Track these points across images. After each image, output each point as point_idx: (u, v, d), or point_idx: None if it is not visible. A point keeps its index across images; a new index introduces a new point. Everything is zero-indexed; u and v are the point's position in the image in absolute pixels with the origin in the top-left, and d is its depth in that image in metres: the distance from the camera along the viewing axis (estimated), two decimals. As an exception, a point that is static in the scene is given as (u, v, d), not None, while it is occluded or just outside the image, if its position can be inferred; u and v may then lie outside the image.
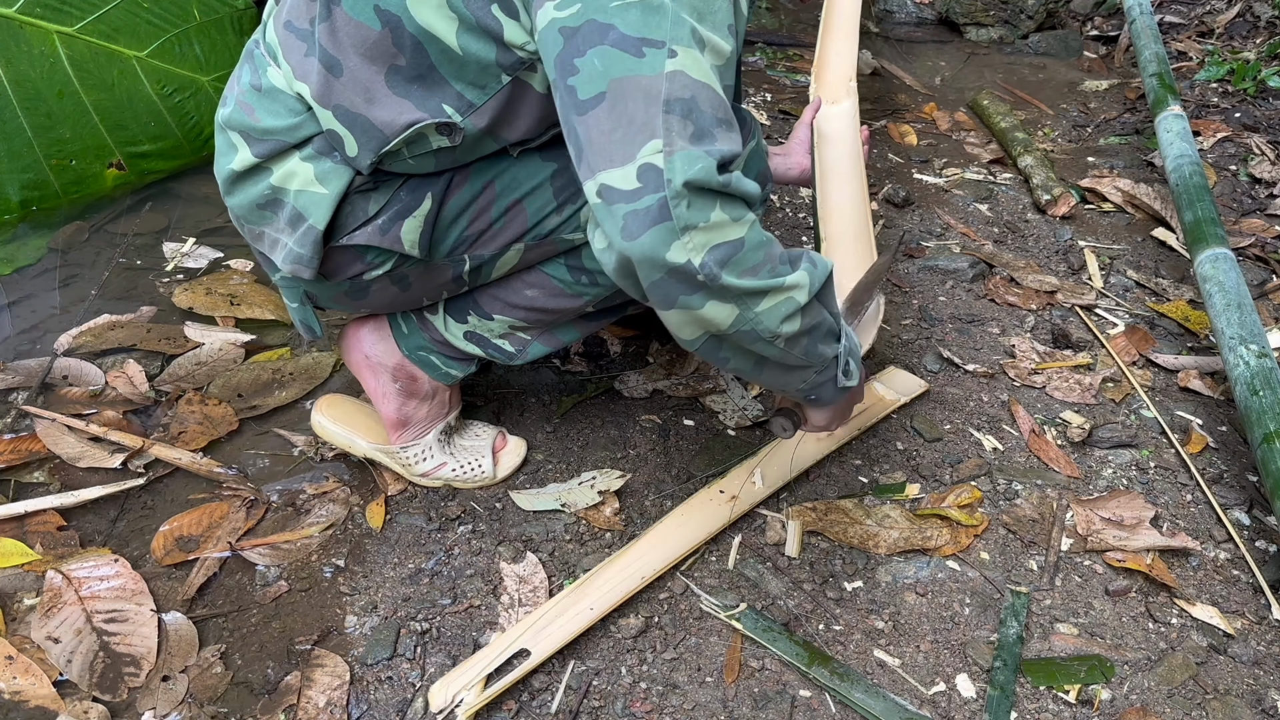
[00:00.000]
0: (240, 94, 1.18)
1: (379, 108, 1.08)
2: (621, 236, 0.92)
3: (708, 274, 0.93)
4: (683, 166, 0.90)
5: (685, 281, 0.93)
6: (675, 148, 0.91)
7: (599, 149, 0.93)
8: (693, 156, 0.91)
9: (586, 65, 0.93)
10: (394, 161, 1.13)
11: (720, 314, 0.97)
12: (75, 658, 1.21)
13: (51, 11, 2.01)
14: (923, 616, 1.33)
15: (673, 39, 0.93)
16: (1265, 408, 1.48)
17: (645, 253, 0.91)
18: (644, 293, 0.98)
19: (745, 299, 0.97)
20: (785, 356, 1.05)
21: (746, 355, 1.05)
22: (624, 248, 0.92)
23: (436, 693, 1.17)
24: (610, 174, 0.92)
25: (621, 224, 0.92)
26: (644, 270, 0.93)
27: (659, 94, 0.91)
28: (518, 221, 1.21)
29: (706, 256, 0.92)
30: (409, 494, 1.47)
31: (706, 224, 0.92)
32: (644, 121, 0.91)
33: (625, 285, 0.99)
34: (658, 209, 0.90)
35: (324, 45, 1.08)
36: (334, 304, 1.31)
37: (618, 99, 0.92)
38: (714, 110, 0.94)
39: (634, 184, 0.91)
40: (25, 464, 1.49)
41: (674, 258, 0.91)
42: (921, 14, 3.53)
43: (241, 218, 1.22)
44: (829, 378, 1.15)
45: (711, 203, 0.92)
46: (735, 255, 0.94)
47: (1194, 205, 1.99)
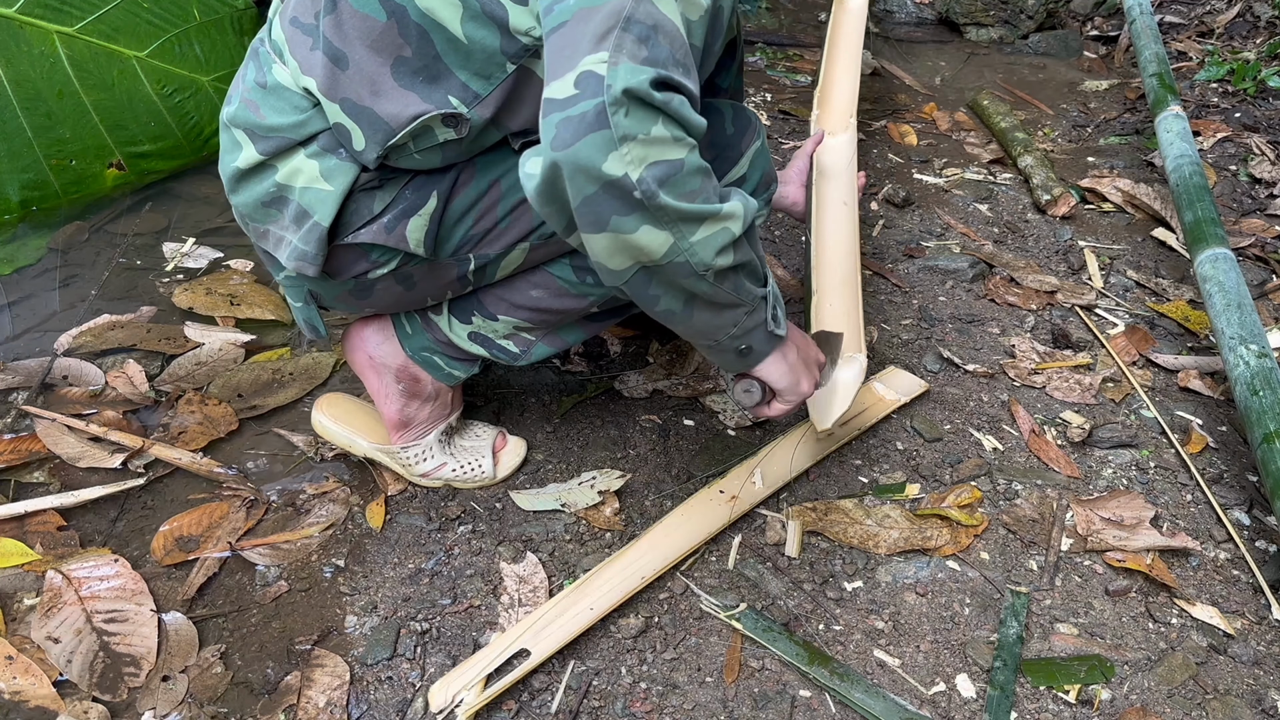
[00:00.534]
0: (245, 91, 1.18)
1: (385, 100, 1.08)
2: (553, 145, 0.86)
3: (645, 190, 0.87)
4: (626, 75, 0.86)
5: (620, 198, 0.88)
6: (620, 60, 0.86)
7: (550, 65, 0.90)
8: (636, 69, 0.86)
9: (561, 4, 0.92)
10: (400, 157, 1.13)
11: (654, 240, 0.92)
12: (75, 658, 1.21)
13: (51, 11, 2.01)
14: (923, 616, 1.33)
15: None
16: (1265, 408, 1.48)
17: (579, 160, 0.86)
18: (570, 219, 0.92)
19: (681, 225, 0.92)
20: (715, 293, 1.00)
21: (678, 292, 1.00)
22: (553, 157, 0.86)
23: (436, 693, 1.17)
24: (551, 86, 0.89)
25: (554, 132, 0.86)
26: (576, 183, 0.87)
27: (620, 11, 0.89)
28: (523, 220, 1.21)
29: (645, 172, 0.87)
30: (409, 494, 1.47)
31: (646, 137, 0.87)
32: (597, 34, 0.88)
33: (549, 212, 0.93)
34: (594, 115, 0.85)
35: (329, 38, 1.08)
36: (338, 304, 1.31)
37: (579, 21, 0.90)
38: (674, 49, 0.91)
39: (571, 91, 0.87)
40: (25, 464, 1.49)
41: (611, 169, 0.86)
42: (921, 14, 3.53)
43: (246, 216, 1.22)
44: (759, 321, 1.10)
45: (653, 116, 0.87)
46: (675, 175, 0.89)
47: (1194, 205, 1.99)
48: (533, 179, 0.91)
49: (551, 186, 0.90)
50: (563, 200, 0.91)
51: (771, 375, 1.19)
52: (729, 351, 1.13)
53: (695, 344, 1.13)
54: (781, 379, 1.20)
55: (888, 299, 1.98)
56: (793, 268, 2.06)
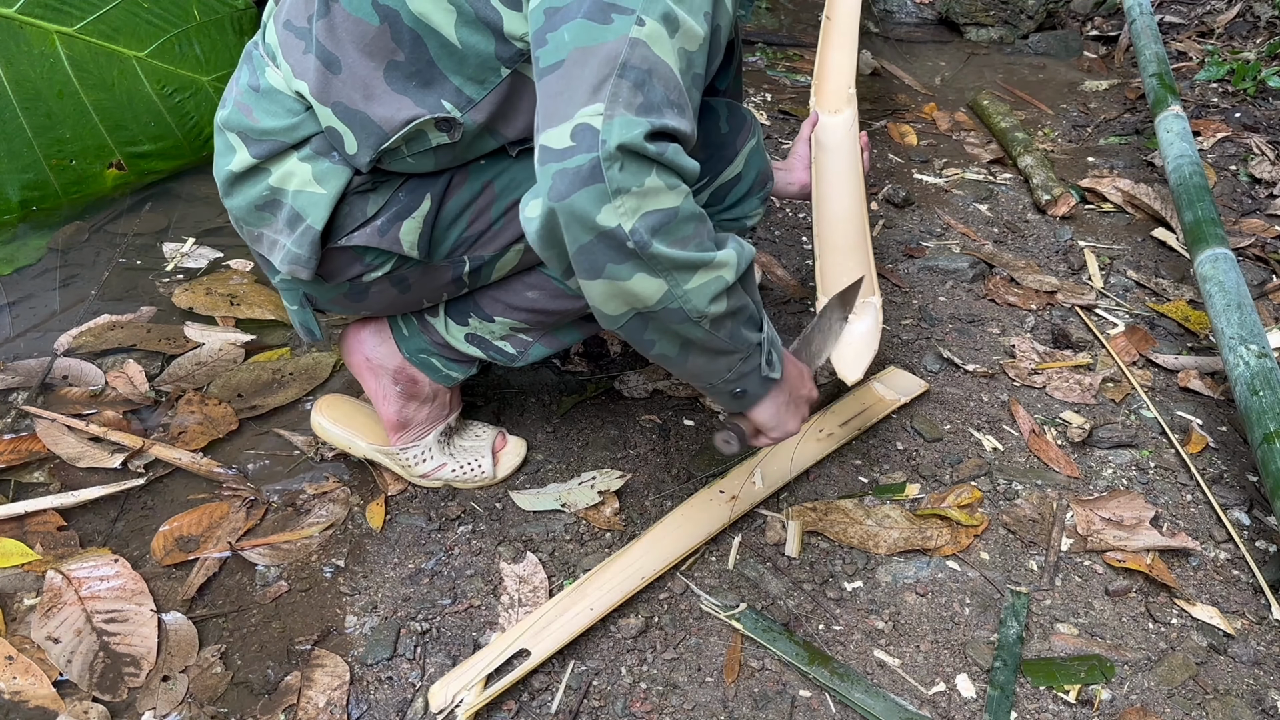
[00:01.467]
0: (238, 95, 1.18)
1: (378, 104, 1.08)
2: (549, 195, 0.89)
3: (638, 241, 0.90)
4: (620, 130, 0.88)
5: (614, 248, 0.90)
6: (616, 113, 0.89)
7: (544, 111, 0.92)
8: (631, 122, 0.89)
9: (555, 38, 0.93)
10: (393, 160, 1.13)
11: (648, 288, 0.94)
12: (75, 658, 1.21)
13: (51, 11, 2.01)
14: (923, 616, 1.33)
15: (643, 10, 0.92)
16: (1265, 408, 1.48)
17: (574, 211, 0.89)
18: (568, 263, 0.95)
19: (675, 273, 0.94)
20: (710, 339, 1.02)
21: (672, 338, 1.02)
22: (550, 206, 0.90)
23: (436, 693, 1.17)
24: (547, 134, 0.91)
25: (550, 183, 0.89)
26: (571, 232, 0.90)
27: (616, 57, 0.90)
28: (517, 222, 1.21)
29: (638, 222, 0.90)
30: (409, 494, 1.47)
31: (640, 189, 0.89)
32: (593, 83, 0.90)
33: (549, 255, 0.95)
34: (589, 169, 0.88)
35: (322, 42, 1.08)
36: (333, 306, 1.31)
37: (573, 65, 0.91)
38: (668, 91, 0.93)
39: (567, 142, 0.89)
40: (25, 464, 1.49)
41: (605, 220, 0.89)
42: (921, 14, 3.53)
43: (240, 219, 1.22)
44: (753, 367, 1.11)
45: (647, 168, 0.90)
46: (668, 224, 0.91)
47: (1194, 205, 1.99)
48: (532, 223, 0.93)
49: (549, 233, 0.92)
50: (561, 246, 0.93)
51: (761, 416, 1.20)
52: (724, 395, 1.14)
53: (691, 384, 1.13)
54: (770, 420, 1.20)
55: (888, 299, 1.98)
56: (792, 268, 2.06)
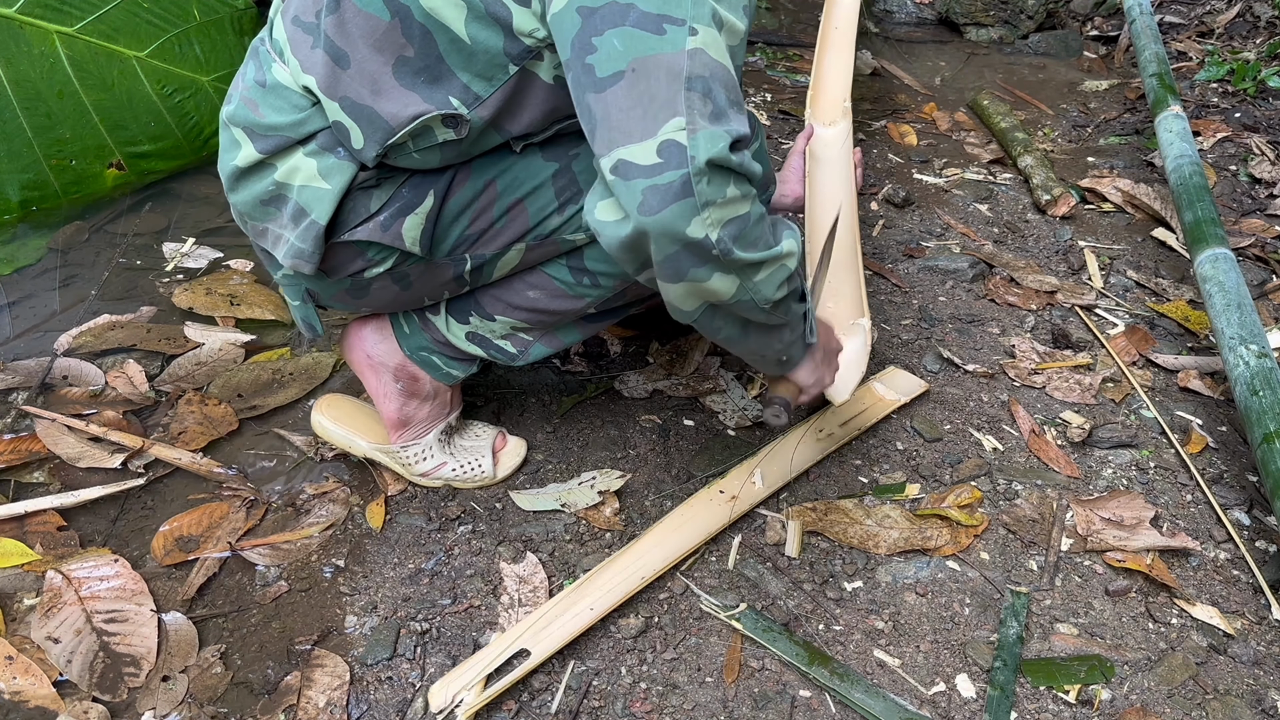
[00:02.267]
0: (244, 90, 1.18)
1: (386, 99, 1.08)
2: (639, 211, 0.94)
3: (722, 248, 0.97)
4: (706, 145, 0.93)
5: (699, 255, 0.97)
6: (698, 126, 0.93)
7: (617, 125, 0.95)
8: (714, 135, 0.93)
9: (605, 44, 0.94)
10: (399, 155, 1.13)
11: (724, 285, 1.01)
12: (75, 658, 1.21)
13: (51, 11, 2.01)
14: (923, 616, 1.33)
15: (693, 17, 0.95)
16: (1265, 408, 1.48)
17: (665, 227, 0.94)
18: (645, 267, 1.01)
19: (747, 270, 1.02)
20: (770, 318, 1.11)
21: (737, 322, 1.12)
22: (641, 222, 0.94)
23: (436, 693, 1.17)
24: (629, 149, 0.94)
25: (640, 199, 0.94)
26: (660, 244, 0.96)
27: (681, 70, 0.93)
28: (519, 221, 1.21)
29: (722, 231, 0.96)
30: (409, 494, 1.47)
31: (723, 200, 0.95)
32: (666, 98, 0.93)
33: (627, 259, 1.01)
34: (680, 185, 0.93)
35: (331, 37, 1.08)
36: (335, 302, 1.31)
37: (639, 77, 0.94)
38: (728, 91, 0.97)
39: (654, 159, 0.93)
40: (25, 464, 1.49)
41: (694, 232, 0.95)
42: (921, 14, 3.53)
43: (245, 214, 1.22)
44: (798, 335, 1.21)
45: (727, 179, 0.95)
46: (744, 230, 0.99)
47: (1194, 205, 1.99)
48: (614, 229, 0.98)
49: (635, 244, 0.98)
50: (642, 252, 0.99)
51: (801, 377, 1.31)
52: (771, 363, 1.25)
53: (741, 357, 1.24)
54: (809, 378, 1.32)
55: (888, 299, 1.98)
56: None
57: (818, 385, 1.33)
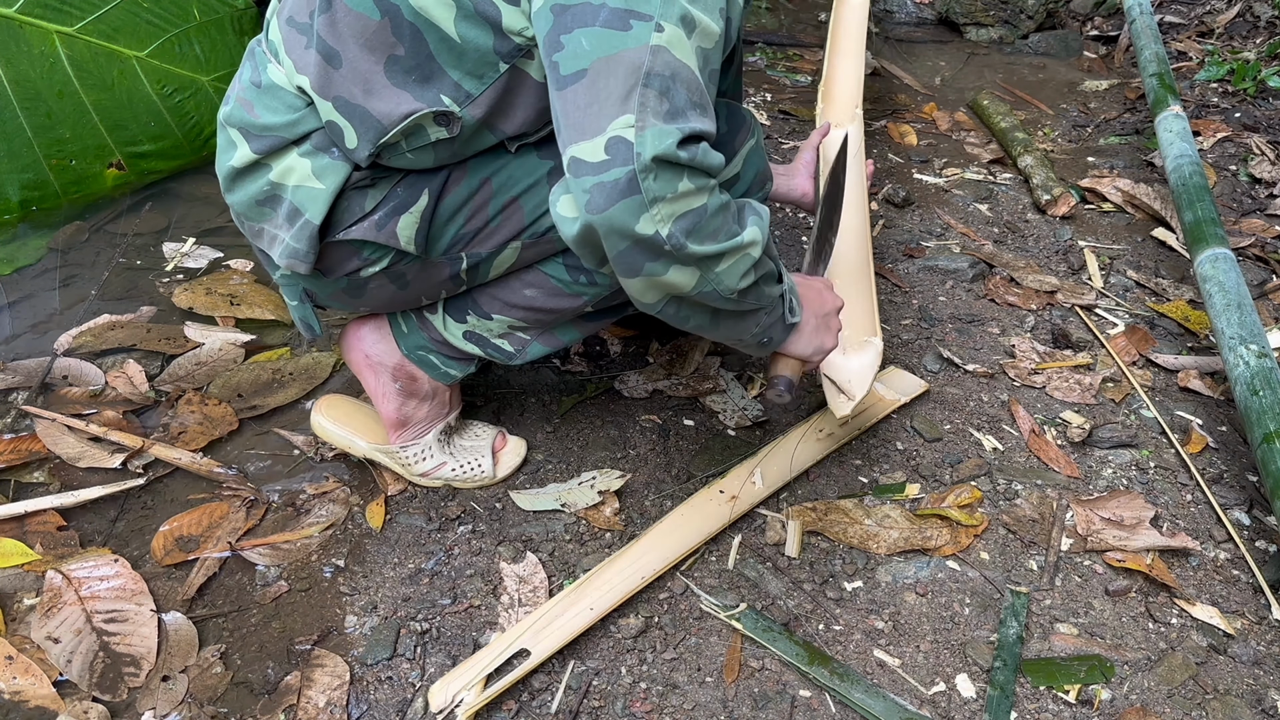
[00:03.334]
0: (240, 91, 1.18)
1: (377, 98, 1.09)
2: (586, 209, 0.94)
3: (674, 243, 0.96)
4: (653, 141, 0.92)
5: (651, 250, 0.96)
6: (647, 123, 0.93)
7: (573, 123, 0.95)
8: (663, 132, 0.93)
9: (572, 42, 0.95)
10: (393, 155, 1.13)
11: (683, 278, 1.00)
12: (75, 658, 1.21)
13: (51, 11, 2.01)
14: (923, 616, 1.33)
15: (661, 15, 0.95)
16: (1265, 408, 1.48)
17: (613, 224, 0.94)
18: (604, 259, 1.01)
19: (707, 262, 1.00)
20: (739, 305, 1.10)
21: (704, 311, 1.10)
22: (589, 219, 0.94)
23: (436, 693, 1.17)
24: (580, 146, 0.94)
25: (588, 196, 0.94)
26: (610, 240, 0.96)
27: (640, 66, 0.93)
28: (514, 219, 1.21)
29: (673, 227, 0.95)
30: (409, 494, 1.47)
31: (674, 195, 0.94)
32: (620, 95, 0.93)
33: (584, 254, 1.01)
34: (626, 182, 0.92)
35: (323, 36, 1.09)
36: (332, 302, 1.31)
37: (598, 75, 0.94)
38: (690, 93, 0.96)
39: (601, 156, 0.93)
40: (25, 464, 1.49)
41: (643, 229, 0.94)
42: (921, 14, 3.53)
43: (241, 214, 1.22)
44: (776, 317, 1.19)
45: (679, 174, 0.94)
46: (699, 223, 0.97)
47: (1194, 205, 1.98)
48: (569, 225, 0.98)
49: (586, 239, 0.98)
50: (597, 246, 0.99)
51: (796, 349, 1.28)
52: (751, 345, 1.23)
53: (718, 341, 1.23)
54: (806, 348, 1.29)
55: (888, 299, 1.98)
56: (793, 267, 2.06)
57: (819, 352, 1.30)
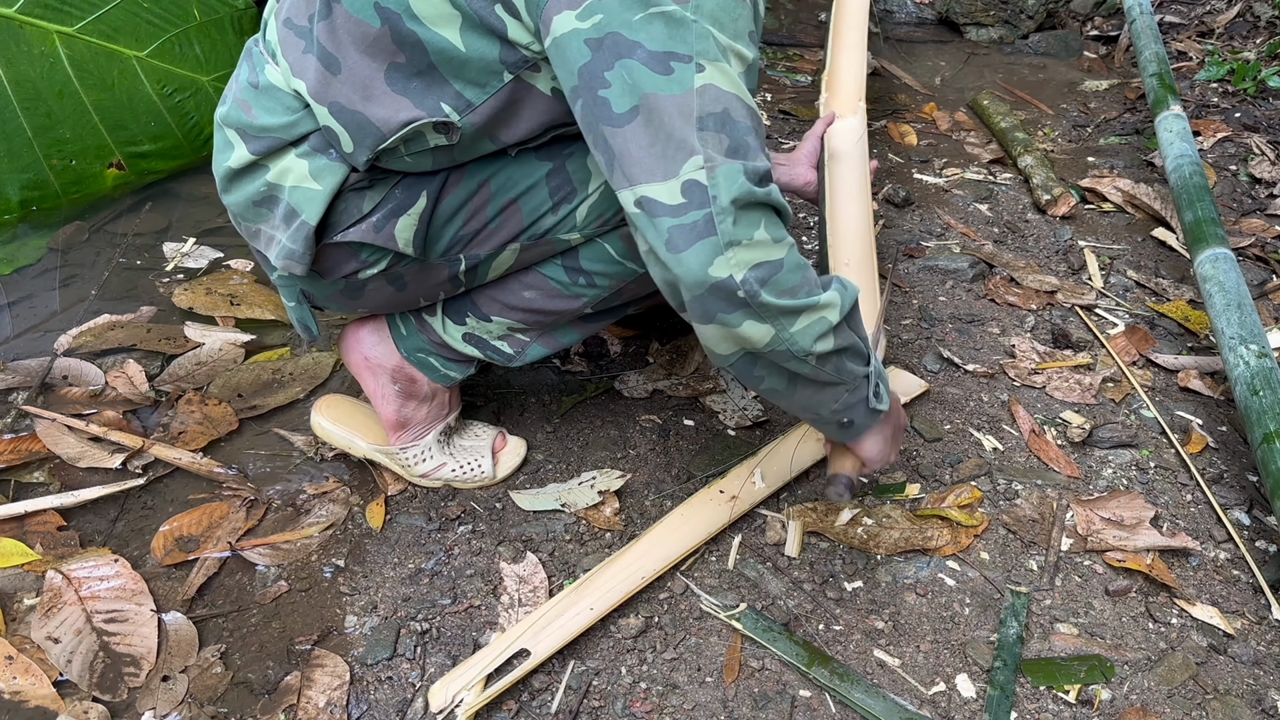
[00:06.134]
0: (238, 91, 1.18)
1: (377, 105, 1.08)
2: (667, 249, 0.96)
3: (748, 291, 0.96)
4: (726, 184, 0.94)
5: (726, 298, 0.96)
6: (716, 164, 0.94)
7: (638, 162, 0.96)
8: (733, 171, 0.94)
9: (617, 79, 0.95)
10: (391, 159, 1.13)
11: (757, 332, 1.00)
12: (75, 658, 1.21)
13: (51, 11, 2.01)
14: (923, 616, 1.33)
15: (699, 53, 0.95)
16: (1265, 408, 1.48)
17: (689, 267, 0.95)
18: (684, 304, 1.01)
19: (781, 318, 0.99)
20: (817, 374, 1.07)
21: (780, 373, 1.07)
22: (668, 260, 0.96)
23: (436, 693, 1.17)
24: (653, 187, 0.95)
25: (667, 237, 0.95)
26: (686, 286, 0.97)
27: (691, 110, 0.94)
28: (513, 221, 1.21)
29: (749, 274, 0.96)
30: (409, 494, 1.47)
31: (750, 241, 0.95)
32: (681, 138, 0.94)
33: (668, 295, 1.02)
34: (704, 224, 0.94)
35: (322, 42, 1.08)
36: (330, 304, 1.31)
37: (652, 114, 0.95)
38: (745, 120, 0.97)
39: (679, 199, 0.94)
40: (25, 464, 1.49)
41: (716, 272, 0.95)
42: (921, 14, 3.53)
43: (238, 215, 1.22)
44: (860, 398, 1.15)
45: (756, 220, 0.96)
46: (775, 275, 0.97)
47: (1194, 205, 1.98)
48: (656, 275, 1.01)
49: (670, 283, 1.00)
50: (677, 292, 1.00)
51: (867, 449, 1.24)
52: (831, 424, 1.18)
53: (799, 415, 1.19)
54: (875, 452, 1.25)
55: (888, 299, 1.98)
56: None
57: (881, 461, 1.25)
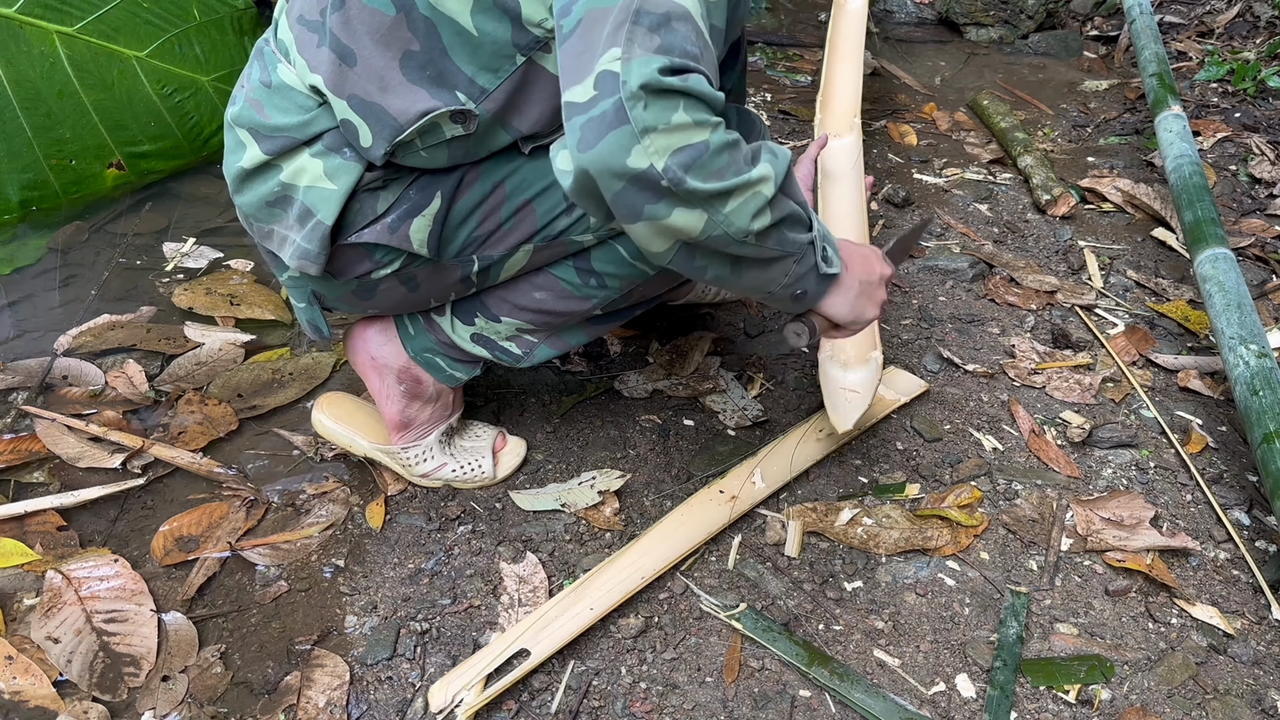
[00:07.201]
0: (250, 91, 1.18)
1: (394, 96, 1.08)
2: (579, 148, 0.89)
3: (672, 179, 0.89)
4: (639, 69, 0.87)
5: (649, 189, 0.90)
6: (634, 54, 0.88)
7: (566, 70, 0.92)
8: (648, 60, 0.88)
9: (575, 7, 0.93)
10: (407, 154, 1.13)
11: (689, 220, 0.93)
12: (75, 658, 1.21)
13: (51, 11, 2.01)
14: (923, 616, 1.33)
15: None
16: (1265, 408, 1.48)
17: (604, 160, 0.88)
18: (607, 211, 0.95)
19: (712, 202, 0.93)
20: (760, 251, 1.01)
21: (722, 259, 1.02)
22: (581, 160, 0.90)
23: (436, 693, 1.17)
24: (571, 91, 0.91)
25: (579, 135, 0.89)
26: (604, 182, 0.90)
27: (628, 12, 0.90)
28: (527, 222, 1.21)
29: (670, 160, 0.89)
30: (409, 494, 1.47)
31: (667, 126, 0.88)
32: (609, 34, 0.89)
33: (587, 205, 0.96)
34: (613, 113, 0.87)
35: (337, 34, 1.08)
36: (341, 304, 1.31)
37: (591, 23, 0.91)
38: (686, 34, 0.91)
39: (590, 93, 0.89)
40: (25, 464, 1.49)
41: (635, 163, 0.88)
42: (921, 14, 3.53)
43: (250, 216, 1.21)
44: (808, 267, 1.09)
45: (674, 104, 0.88)
46: (699, 159, 0.90)
47: (1194, 205, 1.98)
48: (565, 177, 0.94)
49: (583, 186, 0.93)
50: (597, 195, 0.93)
51: (832, 310, 1.17)
52: (784, 299, 1.12)
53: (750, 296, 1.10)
54: (844, 312, 1.17)
55: (887, 299, 1.98)
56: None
57: (858, 319, 1.18)
